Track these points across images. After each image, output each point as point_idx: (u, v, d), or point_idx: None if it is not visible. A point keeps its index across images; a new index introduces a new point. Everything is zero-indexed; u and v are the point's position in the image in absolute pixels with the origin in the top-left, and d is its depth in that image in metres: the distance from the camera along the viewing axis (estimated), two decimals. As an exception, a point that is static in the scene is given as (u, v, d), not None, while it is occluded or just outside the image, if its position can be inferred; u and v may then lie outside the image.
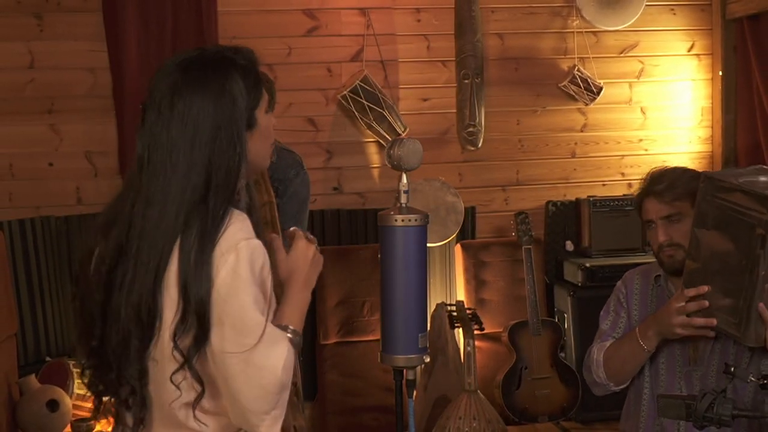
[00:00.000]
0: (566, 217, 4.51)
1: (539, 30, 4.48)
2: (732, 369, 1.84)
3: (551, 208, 4.52)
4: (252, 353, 1.48)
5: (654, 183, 2.25)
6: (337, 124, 4.32)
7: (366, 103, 4.11)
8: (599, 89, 4.41)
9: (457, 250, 4.36)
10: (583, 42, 4.47)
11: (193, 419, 1.56)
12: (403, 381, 1.71)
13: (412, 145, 1.66)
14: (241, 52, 1.64)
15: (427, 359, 1.62)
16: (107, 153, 4.11)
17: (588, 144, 4.58)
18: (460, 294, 4.32)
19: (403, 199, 1.67)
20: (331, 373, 4.11)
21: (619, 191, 4.49)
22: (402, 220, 1.59)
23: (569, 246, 4.45)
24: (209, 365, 1.53)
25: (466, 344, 3.60)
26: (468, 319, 3.65)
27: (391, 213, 1.60)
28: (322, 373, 4.13)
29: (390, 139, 4.04)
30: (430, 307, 3.86)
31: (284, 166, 3.04)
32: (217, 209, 1.53)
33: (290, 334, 1.61)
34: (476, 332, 3.65)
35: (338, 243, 4.27)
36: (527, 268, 4.02)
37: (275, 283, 1.76)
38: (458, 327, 3.71)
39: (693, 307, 2.05)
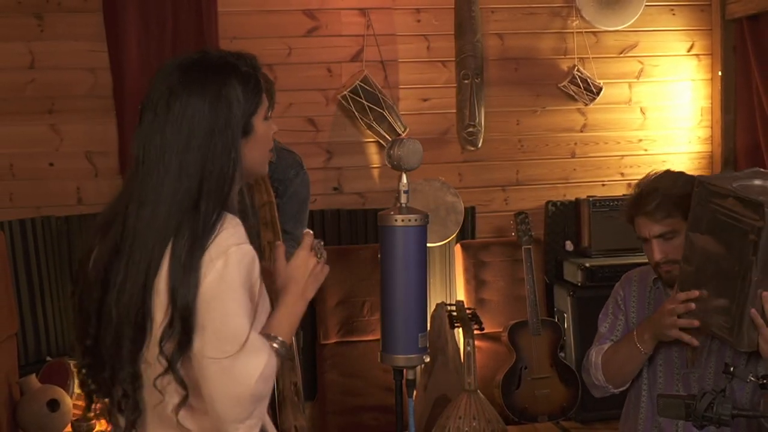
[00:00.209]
0: (566, 217, 4.52)
1: (539, 30, 4.48)
2: (732, 369, 1.83)
3: (551, 208, 4.53)
4: (231, 361, 1.47)
5: (643, 202, 2.18)
6: (337, 124, 4.32)
7: (366, 103, 4.11)
8: (599, 89, 4.41)
9: (457, 250, 4.36)
10: (582, 42, 4.47)
11: (177, 423, 1.54)
12: (403, 381, 1.71)
13: (412, 145, 1.66)
14: (244, 58, 1.63)
15: (427, 359, 1.63)
16: (108, 153, 4.12)
17: (588, 144, 4.58)
18: (460, 294, 4.32)
19: (403, 199, 1.67)
20: (331, 373, 4.12)
21: (619, 191, 4.49)
22: (402, 220, 1.59)
23: (569, 246, 4.45)
24: (191, 369, 1.52)
25: (466, 344, 3.61)
26: (468, 319, 3.65)
27: (391, 213, 1.60)
28: (322, 372, 4.14)
29: (390, 139, 4.04)
30: (430, 307, 3.86)
31: (284, 166, 3.04)
32: (209, 214, 1.51)
33: (276, 344, 1.59)
34: (476, 332, 3.66)
35: (338, 243, 4.27)
36: (527, 268, 4.02)
37: (270, 290, 1.75)
38: (458, 327, 3.72)
39: (682, 309, 2.04)
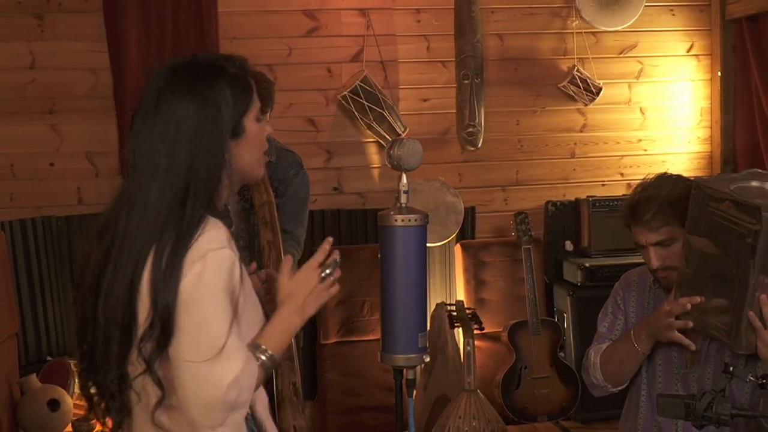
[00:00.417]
0: (566, 217, 4.52)
1: (539, 30, 4.49)
2: (731, 369, 1.84)
3: (551, 208, 4.53)
4: (205, 365, 1.45)
5: (640, 211, 2.17)
6: (337, 124, 4.32)
7: (366, 103, 4.11)
8: (598, 89, 4.41)
9: (457, 250, 4.37)
10: (582, 42, 4.48)
11: (153, 423, 1.54)
12: (403, 380, 1.71)
13: (412, 145, 1.66)
14: (233, 60, 1.63)
15: (427, 359, 1.63)
16: (108, 153, 4.12)
17: (587, 144, 4.59)
18: (460, 294, 4.32)
19: (403, 199, 1.67)
20: (331, 373, 4.12)
21: (619, 191, 4.49)
22: (402, 220, 1.59)
23: (569, 246, 4.45)
24: (169, 370, 1.52)
25: (466, 344, 3.61)
26: (468, 318, 3.66)
27: (391, 213, 1.61)
28: (322, 372, 4.14)
29: (390, 139, 4.05)
30: (430, 307, 3.86)
31: (284, 166, 3.05)
32: (193, 216, 1.51)
33: (264, 356, 1.58)
34: (476, 332, 3.66)
35: (338, 243, 4.27)
36: (527, 268, 4.02)
37: (269, 298, 1.75)
38: (458, 327, 3.72)
39: (677, 310, 2.05)
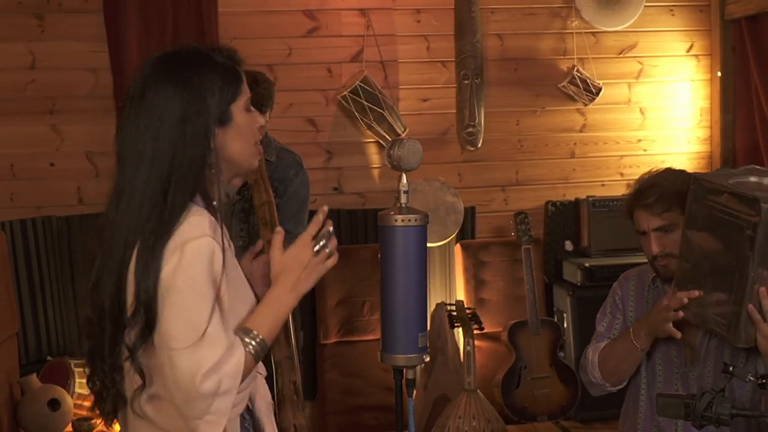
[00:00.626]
0: (565, 217, 4.52)
1: (539, 31, 4.49)
2: (731, 368, 1.83)
3: (551, 208, 4.53)
4: (184, 353, 1.44)
5: (643, 195, 2.22)
6: (337, 124, 4.33)
7: (366, 103, 4.11)
8: (598, 90, 4.42)
9: (457, 250, 4.37)
10: (582, 42, 4.48)
11: (134, 412, 1.54)
12: (403, 380, 1.71)
13: (412, 145, 1.67)
14: (219, 50, 1.63)
15: (427, 359, 1.63)
16: (108, 153, 4.05)
17: (587, 144, 4.59)
18: (460, 294, 4.32)
19: (403, 199, 1.67)
20: (331, 373, 4.12)
21: (619, 191, 4.49)
22: (402, 220, 1.59)
23: (568, 246, 4.46)
24: (152, 357, 1.52)
25: (466, 344, 3.62)
26: (468, 318, 3.66)
27: (391, 213, 1.61)
28: (322, 372, 4.15)
29: (390, 139, 4.05)
30: (430, 307, 3.87)
31: (284, 166, 3.05)
32: (175, 203, 1.51)
33: (253, 341, 1.55)
34: (476, 332, 3.66)
35: (338, 243, 4.26)
36: (527, 267, 4.02)
37: (258, 280, 1.74)
38: (458, 327, 3.72)
39: (675, 304, 2.06)
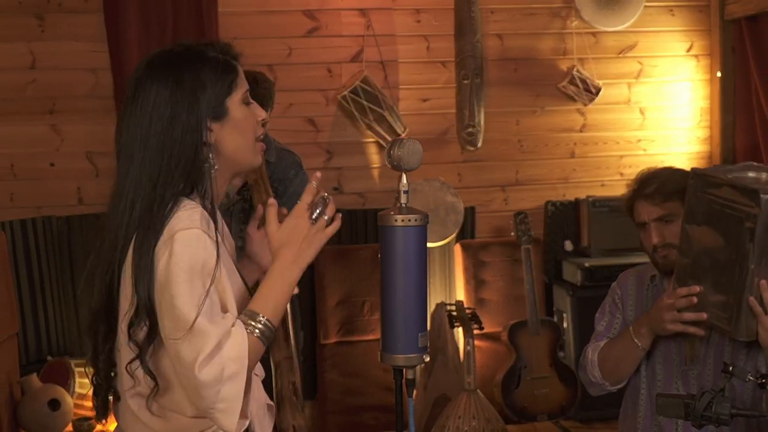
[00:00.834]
0: (565, 217, 4.52)
1: (538, 31, 4.49)
2: (730, 368, 1.83)
3: (550, 208, 4.53)
4: (179, 344, 1.45)
5: (644, 185, 2.26)
6: (337, 124, 4.33)
7: (366, 103, 4.12)
8: (598, 90, 4.42)
9: (457, 250, 4.37)
10: (582, 43, 4.48)
11: (148, 413, 1.54)
12: (403, 380, 1.71)
13: (412, 145, 1.66)
14: (213, 45, 1.61)
15: (427, 359, 1.63)
16: (108, 153, 4.04)
17: (587, 144, 4.59)
18: (460, 294, 4.33)
19: (403, 199, 1.67)
20: (331, 373, 4.13)
21: (618, 191, 4.46)
22: (402, 220, 1.59)
23: (568, 246, 4.46)
24: (163, 359, 1.52)
25: (466, 344, 3.62)
26: (467, 318, 3.66)
27: (391, 213, 1.61)
28: (322, 372, 4.15)
29: (390, 139, 4.05)
30: (430, 307, 3.87)
31: (284, 167, 3.06)
32: (166, 199, 1.50)
33: (259, 325, 1.52)
34: (476, 332, 3.67)
35: (338, 243, 4.27)
36: (526, 267, 4.03)
37: (258, 255, 1.75)
38: (458, 326, 3.73)
39: (683, 303, 2.05)
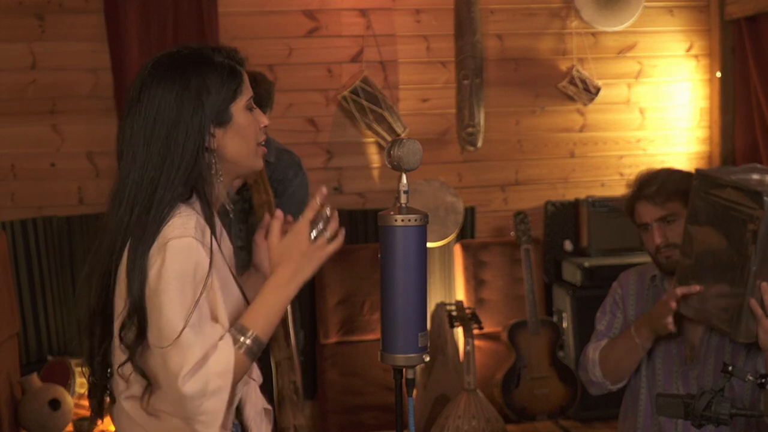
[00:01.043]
0: (565, 217, 4.53)
1: (538, 31, 4.49)
2: (730, 368, 1.83)
3: (550, 208, 4.54)
4: (165, 354, 1.45)
5: (644, 186, 2.27)
6: (337, 124, 4.33)
7: (366, 103, 4.12)
8: (598, 90, 4.42)
9: (457, 250, 4.37)
10: (581, 43, 4.48)
11: (143, 414, 1.54)
12: (403, 380, 1.71)
13: (412, 145, 1.67)
14: (219, 50, 1.61)
15: (427, 358, 1.63)
16: (109, 153, 4.09)
17: (587, 144, 4.59)
18: (460, 294, 4.33)
19: (402, 199, 1.67)
20: (331, 372, 4.13)
21: (618, 191, 4.49)
22: (402, 220, 1.59)
23: (568, 246, 4.46)
24: (150, 359, 1.51)
25: (466, 343, 3.62)
26: (467, 318, 3.67)
27: (391, 213, 1.61)
28: (322, 372, 4.15)
29: (390, 139, 4.06)
30: (430, 307, 3.88)
31: (283, 167, 3.07)
32: (163, 204, 1.50)
33: (247, 340, 1.52)
34: (475, 331, 3.67)
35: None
36: (526, 267, 4.03)
37: (263, 265, 1.74)
38: (458, 326, 3.73)
39: (673, 298, 2.07)
